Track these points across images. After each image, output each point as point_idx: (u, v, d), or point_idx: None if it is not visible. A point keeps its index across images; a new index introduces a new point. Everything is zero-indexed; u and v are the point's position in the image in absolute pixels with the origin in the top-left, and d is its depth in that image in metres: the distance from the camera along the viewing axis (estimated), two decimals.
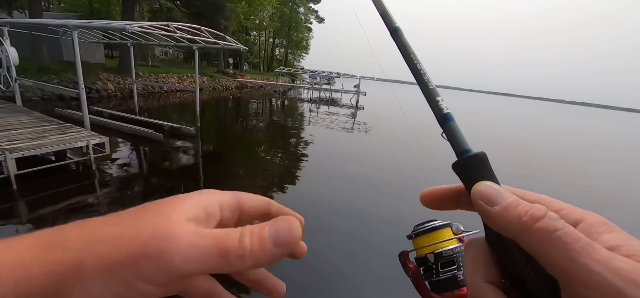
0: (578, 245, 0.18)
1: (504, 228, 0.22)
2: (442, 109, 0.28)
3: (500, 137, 16.30)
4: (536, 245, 0.19)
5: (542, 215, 0.20)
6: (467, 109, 36.46)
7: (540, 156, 11.83)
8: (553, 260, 0.19)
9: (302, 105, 22.27)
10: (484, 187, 0.23)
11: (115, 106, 12.42)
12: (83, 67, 15.02)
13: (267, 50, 56.83)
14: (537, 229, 0.19)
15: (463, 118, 9.54)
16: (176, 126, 8.39)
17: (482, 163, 0.25)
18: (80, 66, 6.17)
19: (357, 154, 8.81)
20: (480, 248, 0.25)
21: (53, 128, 5.74)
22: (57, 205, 4.34)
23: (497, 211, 0.22)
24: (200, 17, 15.96)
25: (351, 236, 4.20)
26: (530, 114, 44.48)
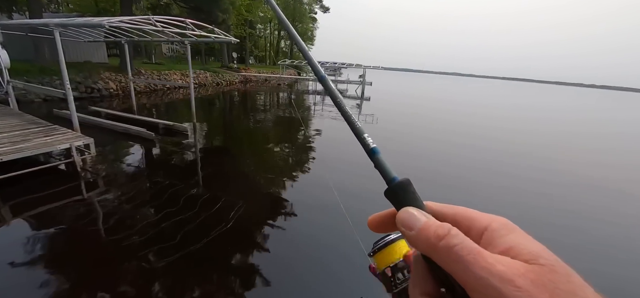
0: (470, 256, 0.21)
1: (420, 248, 0.25)
2: (369, 144, 0.32)
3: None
4: (442, 261, 0.23)
5: (444, 233, 0.23)
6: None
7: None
8: (455, 272, 0.22)
9: (307, 97, 21.91)
10: (403, 214, 0.27)
11: (116, 106, 12.41)
12: (84, 67, 15.13)
13: (273, 43, 56.33)
14: (441, 247, 0.23)
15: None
16: (170, 124, 8.23)
17: (406, 188, 0.28)
18: (65, 65, 6.03)
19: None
20: (418, 263, 0.28)
21: (39, 131, 5.64)
22: (39, 208, 4.20)
23: (414, 235, 0.25)
24: (198, 11, 15.73)
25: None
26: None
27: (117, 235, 3.68)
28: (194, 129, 9.02)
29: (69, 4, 32.34)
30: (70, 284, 2.91)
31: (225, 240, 3.70)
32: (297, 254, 3.68)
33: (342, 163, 6.97)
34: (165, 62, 24.94)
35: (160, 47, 38.86)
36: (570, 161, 8.76)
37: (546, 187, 6.41)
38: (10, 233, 3.71)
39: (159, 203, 4.61)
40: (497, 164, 7.93)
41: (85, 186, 4.99)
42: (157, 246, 3.51)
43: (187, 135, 8.08)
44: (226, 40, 7.96)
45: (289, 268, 3.42)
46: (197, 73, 21.97)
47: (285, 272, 3.35)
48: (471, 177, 6.81)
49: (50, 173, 5.07)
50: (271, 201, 4.97)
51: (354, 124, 0.33)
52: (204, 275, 3.14)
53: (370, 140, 0.32)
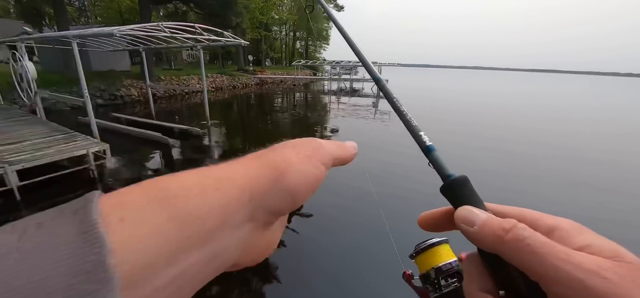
0: (544, 249, 0.21)
1: (484, 243, 0.24)
2: (425, 142, 0.32)
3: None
4: (511, 254, 0.22)
5: (511, 226, 0.23)
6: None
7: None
8: (527, 264, 0.21)
9: (322, 97, 21.84)
10: (462, 211, 0.27)
11: (137, 111, 12.89)
12: (108, 75, 15.82)
13: (289, 44, 56.79)
14: (509, 240, 0.22)
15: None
16: (184, 128, 8.40)
17: (464, 184, 0.28)
18: (83, 74, 6.25)
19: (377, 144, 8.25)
20: (473, 260, 0.28)
21: (61, 138, 5.90)
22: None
23: (475, 231, 0.25)
24: (213, 17, 16.06)
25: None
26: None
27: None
28: (208, 132, 9.18)
29: (98, 16, 34.28)
30: None
31: None
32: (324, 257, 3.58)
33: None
34: (185, 68, 25.72)
35: (180, 54, 40.28)
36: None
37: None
38: None
39: None
40: (569, 174, 6.43)
41: (102, 189, 5.14)
42: None
43: (201, 138, 8.21)
44: (236, 43, 8.02)
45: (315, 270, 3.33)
46: (214, 77, 22.50)
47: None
48: (535, 189, 5.78)
49: (71, 177, 5.28)
50: None
51: (410, 122, 0.33)
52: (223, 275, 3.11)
53: (426, 138, 0.32)
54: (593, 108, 21.18)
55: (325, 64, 35.49)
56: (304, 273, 3.37)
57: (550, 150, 8.33)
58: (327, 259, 3.58)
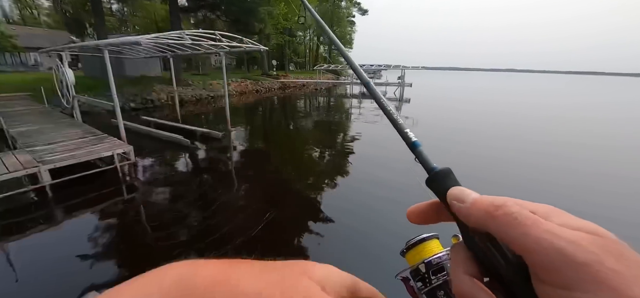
0: (529, 221, 0.22)
1: (475, 218, 0.26)
2: (411, 138, 0.35)
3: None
4: (500, 227, 0.24)
5: (501, 203, 0.25)
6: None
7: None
8: (513, 237, 0.23)
9: (344, 101, 21.72)
10: (455, 189, 0.29)
11: (166, 115, 13.52)
12: (140, 81, 16.76)
13: (312, 49, 57.31)
14: (499, 215, 0.24)
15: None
16: (206, 131, 8.66)
17: (448, 175, 0.31)
18: (113, 79, 6.64)
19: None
20: (459, 249, 0.30)
21: (91, 140, 6.29)
22: (85, 211, 4.65)
23: (467, 206, 0.27)
24: (238, 23, 16.56)
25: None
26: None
27: (148, 231, 4.08)
28: (228, 135, 9.41)
29: (136, 26, 36.74)
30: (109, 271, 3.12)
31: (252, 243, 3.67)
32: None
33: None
34: (211, 73, 26.74)
35: (209, 60, 42.05)
36: None
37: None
38: (67, 227, 4.18)
39: (187, 203, 4.82)
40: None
41: (126, 188, 5.42)
42: (182, 242, 3.61)
43: (221, 141, 8.42)
44: (255, 48, 8.18)
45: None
46: (238, 82, 23.16)
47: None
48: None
49: (100, 176, 5.61)
50: (302, 205, 4.87)
51: (396, 121, 0.36)
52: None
53: (412, 134, 0.35)
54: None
55: (348, 68, 35.38)
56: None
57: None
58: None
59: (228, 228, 4.13)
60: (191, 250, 3.64)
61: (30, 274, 3.23)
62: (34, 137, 6.34)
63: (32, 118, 8.54)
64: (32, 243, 3.83)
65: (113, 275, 3.28)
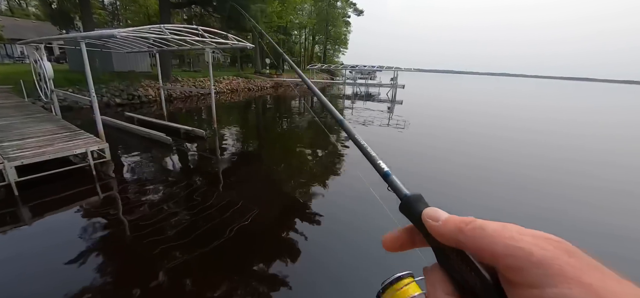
0: (496, 233, 0.25)
1: (448, 234, 0.28)
2: (383, 168, 0.36)
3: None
4: (470, 240, 0.26)
5: (470, 220, 0.27)
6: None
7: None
8: (483, 246, 0.25)
9: (337, 101, 21.62)
10: (429, 210, 0.31)
11: (153, 111, 13.23)
12: (128, 76, 16.41)
13: (308, 48, 57.10)
14: (469, 229, 0.27)
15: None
16: (189, 129, 8.46)
17: (419, 199, 0.32)
18: (90, 73, 6.37)
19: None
20: (434, 270, 0.31)
21: (65, 136, 6.05)
22: (53, 211, 4.44)
23: (440, 225, 0.29)
24: (230, 20, 16.31)
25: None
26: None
27: (121, 233, 3.94)
28: (214, 133, 9.22)
29: (128, 20, 36.06)
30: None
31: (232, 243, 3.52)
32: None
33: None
34: (203, 70, 26.38)
35: (203, 56, 41.47)
36: None
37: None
38: (32, 227, 3.96)
39: (163, 203, 4.65)
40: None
41: (100, 187, 5.21)
42: (154, 243, 3.45)
43: (205, 139, 8.22)
44: (241, 46, 8.00)
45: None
46: (230, 80, 22.89)
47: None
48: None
49: (72, 174, 5.38)
50: (284, 206, 4.73)
51: (369, 153, 0.39)
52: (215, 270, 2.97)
53: (384, 165, 0.36)
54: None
55: (342, 68, 35.21)
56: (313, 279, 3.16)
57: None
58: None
59: (203, 229, 3.98)
60: (162, 253, 3.48)
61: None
62: (4, 132, 6.07)
63: (8, 112, 8.23)
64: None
65: (75, 279, 3.11)
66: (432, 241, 0.30)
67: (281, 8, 27.61)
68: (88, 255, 3.45)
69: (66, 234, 3.89)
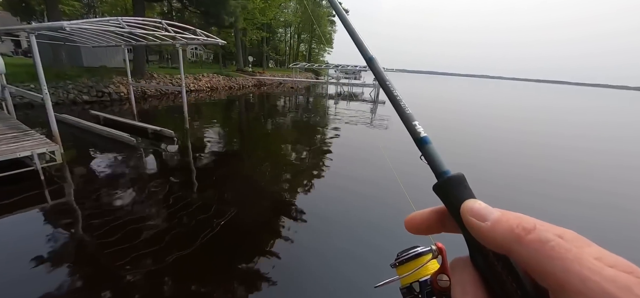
0: (571, 254, 0.19)
1: (496, 241, 0.22)
2: (419, 132, 0.29)
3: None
4: (529, 256, 0.20)
5: (532, 226, 0.21)
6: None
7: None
8: (548, 270, 0.19)
9: (320, 101, 21.41)
10: (474, 203, 0.25)
11: (126, 109, 12.52)
12: (98, 71, 15.55)
13: (293, 46, 56.56)
14: (530, 241, 0.20)
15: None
16: (158, 129, 7.99)
17: (461, 183, 0.26)
18: (41, 68, 5.85)
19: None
20: (466, 268, 0.26)
21: (13, 136, 5.52)
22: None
23: (488, 226, 0.23)
24: (208, 16, 15.74)
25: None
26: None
27: (65, 243, 3.56)
28: (185, 133, 8.79)
29: (104, 13, 34.35)
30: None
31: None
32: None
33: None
34: (184, 67, 25.52)
35: (185, 52, 40.20)
36: None
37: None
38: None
39: (119, 211, 4.26)
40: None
41: (48, 194, 4.75)
42: (104, 253, 3.09)
43: (174, 140, 7.79)
44: (212, 42, 7.64)
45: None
46: (210, 77, 22.21)
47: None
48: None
49: (19, 178, 4.88)
50: (256, 211, 4.44)
51: (403, 110, 0.31)
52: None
53: (421, 129, 0.29)
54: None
55: (326, 67, 35.03)
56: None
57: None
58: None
59: (158, 236, 3.65)
60: (112, 266, 3.14)
61: None
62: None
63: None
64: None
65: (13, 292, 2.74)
66: (469, 234, 0.24)
67: (264, 4, 27.05)
68: (18, 266, 3.06)
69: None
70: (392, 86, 0.32)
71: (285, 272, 3.30)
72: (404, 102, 0.31)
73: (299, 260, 3.56)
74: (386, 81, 0.33)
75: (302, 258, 3.59)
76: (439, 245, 0.36)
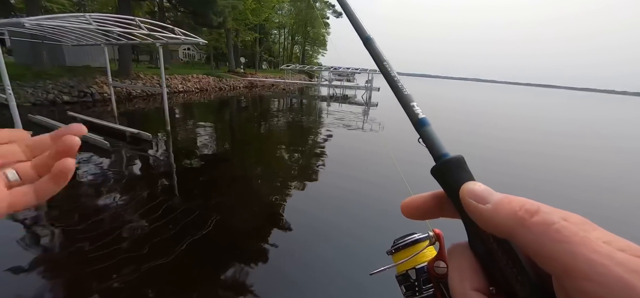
0: (577, 237, 0.18)
1: (498, 224, 0.21)
2: (418, 114, 0.29)
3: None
4: (533, 239, 0.19)
5: (536, 209, 0.20)
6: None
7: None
8: (552, 254, 0.18)
9: (313, 103, 21.18)
10: (474, 185, 0.24)
11: (108, 111, 12.07)
12: (80, 71, 15.05)
13: (287, 48, 56.37)
14: (534, 223, 0.19)
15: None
16: (135, 132, 7.65)
17: (461, 165, 0.26)
18: (4, 66, 5.47)
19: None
20: (464, 254, 0.25)
21: None
22: None
23: (489, 208, 0.22)
24: (196, 15, 15.42)
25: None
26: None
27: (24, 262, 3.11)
28: (168, 136, 8.46)
29: (94, 12, 33.57)
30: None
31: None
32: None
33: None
34: (173, 68, 25.04)
35: (177, 53, 39.67)
36: None
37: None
38: None
39: (81, 222, 3.93)
40: None
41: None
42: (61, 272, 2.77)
43: (151, 144, 7.46)
44: (193, 41, 7.35)
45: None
46: (199, 78, 21.81)
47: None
48: None
49: None
50: (233, 222, 4.16)
51: (401, 91, 0.30)
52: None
53: (419, 110, 0.29)
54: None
55: (319, 69, 34.86)
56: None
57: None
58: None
59: (112, 252, 3.34)
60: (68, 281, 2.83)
61: None
62: None
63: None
64: None
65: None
66: (468, 218, 0.23)
67: (256, 5, 26.76)
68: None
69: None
70: (390, 66, 0.31)
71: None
72: (401, 83, 0.30)
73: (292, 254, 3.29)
74: (384, 61, 0.32)
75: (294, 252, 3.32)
76: (437, 231, 0.35)
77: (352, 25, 0.36)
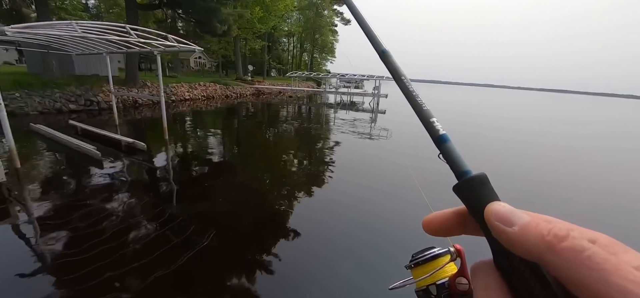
0: (609, 265, 0.17)
1: (525, 248, 0.20)
2: (438, 130, 0.28)
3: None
4: (563, 265, 0.18)
5: (565, 234, 0.19)
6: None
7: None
8: (584, 281, 0.17)
9: (319, 110, 20.91)
10: (500, 207, 0.23)
11: (109, 120, 12.09)
12: (89, 80, 15.24)
13: (296, 56, 56.65)
14: (564, 249, 0.19)
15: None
16: (130, 141, 7.48)
17: (484, 184, 0.25)
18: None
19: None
20: (490, 272, 0.24)
21: None
22: None
23: (516, 232, 0.21)
24: (201, 24, 15.47)
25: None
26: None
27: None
28: (165, 146, 8.28)
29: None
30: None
31: None
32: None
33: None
34: (181, 76, 25.33)
35: (188, 61, 40.38)
36: None
37: None
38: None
39: (66, 235, 3.67)
40: None
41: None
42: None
43: (145, 153, 7.26)
44: (189, 49, 7.18)
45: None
46: (206, 85, 21.91)
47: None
48: None
49: None
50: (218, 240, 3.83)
51: (421, 106, 0.29)
52: None
53: (439, 126, 0.28)
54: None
55: (325, 77, 34.67)
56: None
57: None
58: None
59: (95, 270, 3.04)
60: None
61: None
62: None
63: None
64: None
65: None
66: (493, 237, 0.23)
67: (264, 14, 26.91)
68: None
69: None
70: (408, 81, 0.31)
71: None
72: (420, 99, 0.30)
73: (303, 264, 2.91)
74: (402, 76, 0.31)
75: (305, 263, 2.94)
76: (458, 246, 0.35)
77: (368, 39, 0.36)
